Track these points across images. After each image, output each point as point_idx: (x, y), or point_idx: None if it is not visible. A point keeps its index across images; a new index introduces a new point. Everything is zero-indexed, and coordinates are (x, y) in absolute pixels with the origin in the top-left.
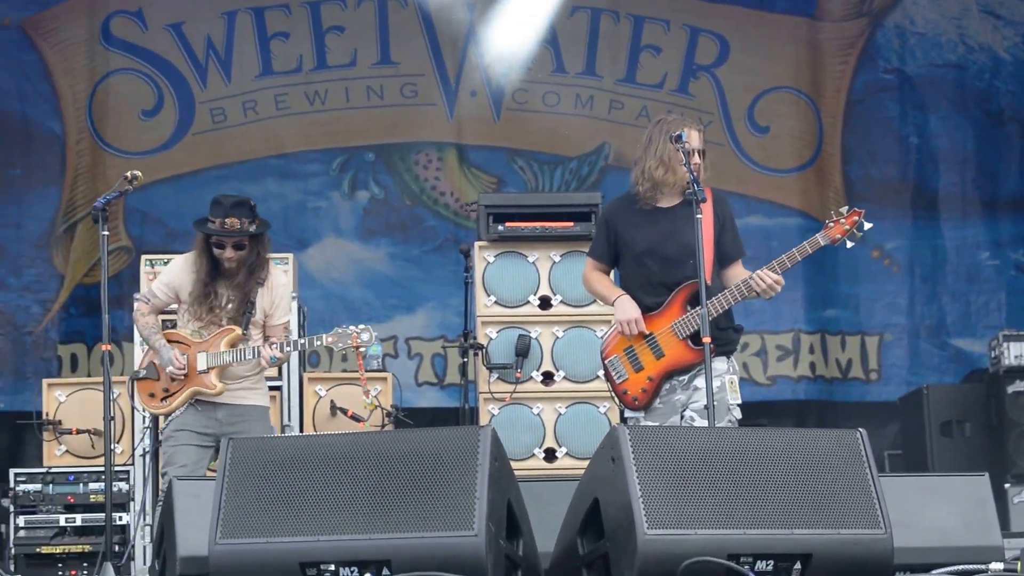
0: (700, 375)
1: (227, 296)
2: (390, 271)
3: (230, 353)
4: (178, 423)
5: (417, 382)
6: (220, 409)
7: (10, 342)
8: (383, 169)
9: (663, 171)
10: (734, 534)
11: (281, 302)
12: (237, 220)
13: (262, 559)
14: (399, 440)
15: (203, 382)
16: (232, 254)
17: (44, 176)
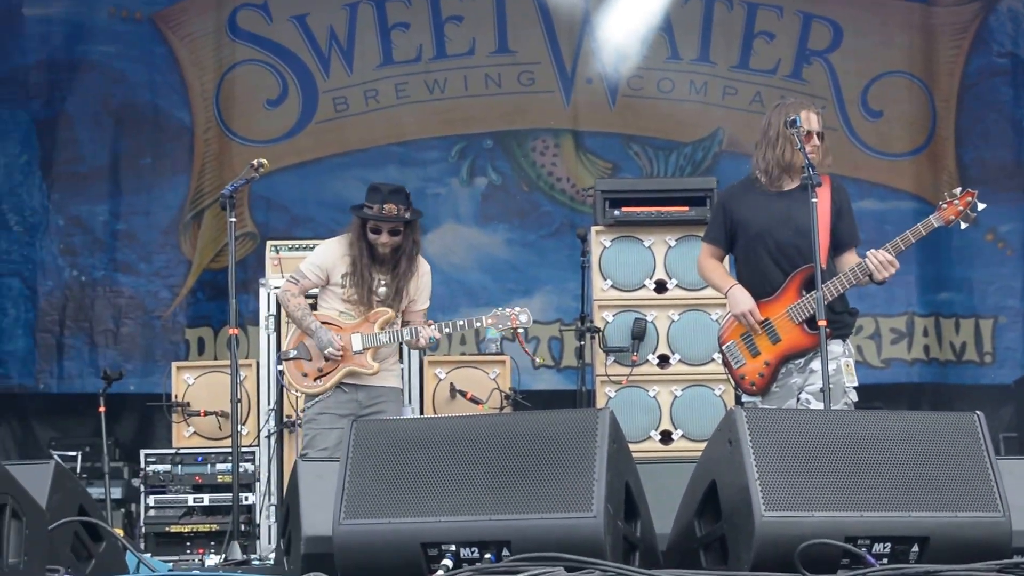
0: (816, 358)
1: (379, 280)
2: (508, 256)
3: (385, 334)
4: (320, 406)
5: (535, 365)
6: (361, 391)
7: (140, 326)
8: (501, 156)
9: (781, 154)
10: (851, 516)
11: (425, 289)
12: (395, 206)
13: (384, 539)
14: (518, 422)
15: (359, 362)
16: (387, 239)
17: (173, 165)
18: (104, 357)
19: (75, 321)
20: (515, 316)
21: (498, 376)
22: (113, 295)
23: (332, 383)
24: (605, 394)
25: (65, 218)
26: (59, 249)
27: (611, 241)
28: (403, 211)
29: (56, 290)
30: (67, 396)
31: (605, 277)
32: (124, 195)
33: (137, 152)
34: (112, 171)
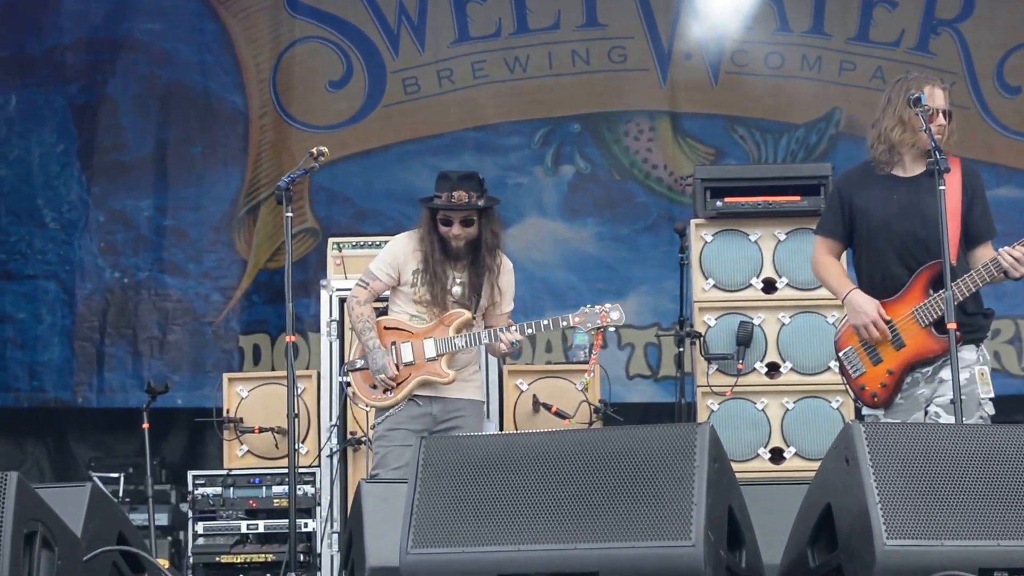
0: (946, 366)
1: (455, 277)
2: (598, 252)
3: (462, 338)
4: (392, 421)
5: (628, 375)
6: (436, 403)
7: (189, 333)
8: (589, 141)
9: (901, 132)
10: (986, 545)
11: (509, 289)
12: (465, 193)
13: (458, 569)
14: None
15: (432, 370)
16: (460, 231)
17: (225, 154)
18: (149, 368)
19: (117, 328)
20: (605, 313)
21: (587, 387)
22: (159, 299)
23: (404, 395)
24: (707, 407)
25: (106, 213)
26: (99, 248)
27: (713, 235)
28: (475, 198)
29: (96, 293)
30: (107, 411)
31: (706, 276)
32: (171, 188)
33: (186, 140)
34: (158, 161)
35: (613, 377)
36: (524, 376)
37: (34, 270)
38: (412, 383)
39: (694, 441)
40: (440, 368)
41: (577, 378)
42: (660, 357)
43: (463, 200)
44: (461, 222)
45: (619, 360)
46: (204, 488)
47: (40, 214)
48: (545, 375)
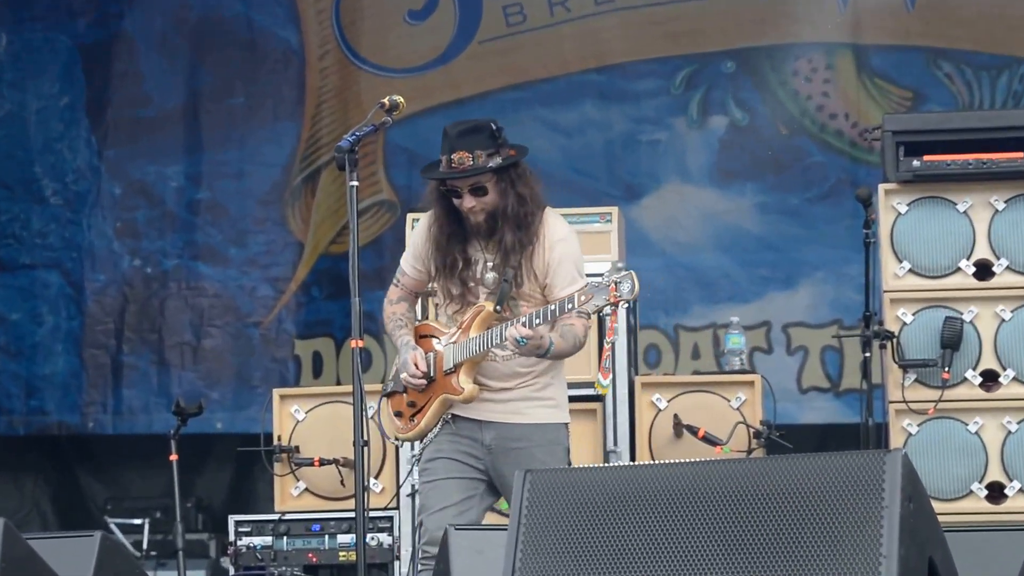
0: None
1: (485, 262)
2: (759, 229)
3: (477, 339)
4: (433, 449)
5: (800, 387)
6: (487, 430)
7: (230, 337)
8: (747, 84)
9: None
10: None
11: (562, 263)
12: (468, 154)
13: None
14: (771, 472)
15: (449, 385)
16: (472, 203)
17: (275, 106)
18: (179, 383)
19: (138, 332)
20: (613, 286)
21: (744, 404)
22: (192, 293)
23: (426, 422)
24: (903, 428)
25: (123, 184)
26: (115, 229)
27: (909, 205)
28: (483, 158)
29: (111, 287)
30: (126, 439)
31: (900, 258)
32: (206, 150)
33: (224, 89)
34: (189, 116)
35: (780, 390)
36: (662, 390)
37: (31, 258)
38: (433, 406)
39: (883, 474)
40: (455, 383)
41: (731, 392)
42: (841, 364)
43: (465, 164)
44: (471, 191)
45: (788, 368)
46: (250, 538)
47: (38, 186)
48: (690, 389)
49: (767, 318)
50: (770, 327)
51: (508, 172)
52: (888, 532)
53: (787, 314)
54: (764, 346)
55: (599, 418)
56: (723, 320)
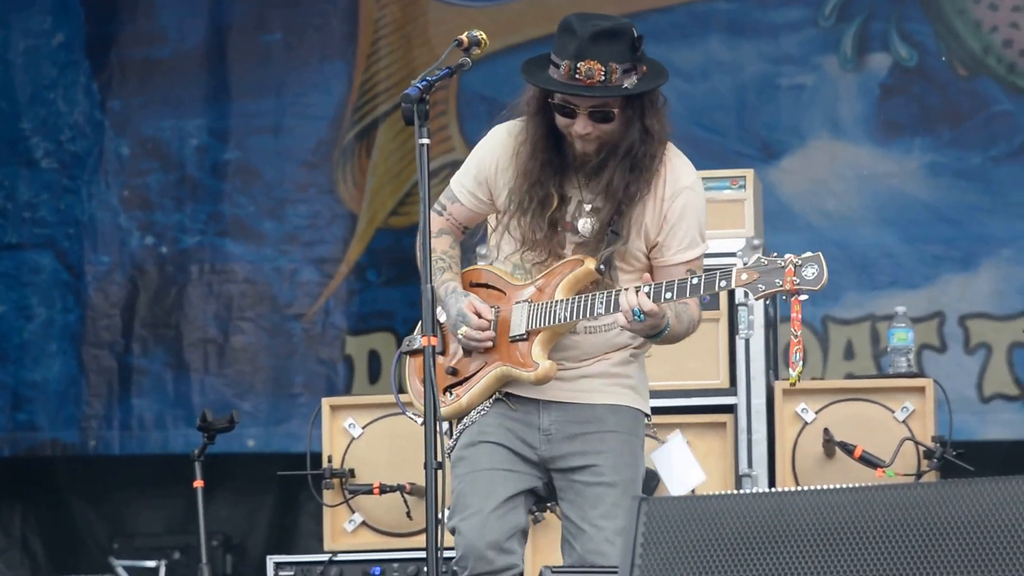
0: None
1: (580, 203)
2: (930, 196)
3: (568, 304)
4: (475, 431)
5: (982, 395)
6: (546, 411)
7: (265, 333)
8: (916, 13)
9: None
10: None
11: (684, 218)
12: (601, 67)
13: None
14: (948, 500)
15: (515, 356)
16: (589, 127)
17: (321, 44)
18: (202, 390)
19: (151, 327)
20: (792, 269)
21: (912, 416)
22: (218, 278)
23: (472, 397)
24: None
25: (132, 143)
26: (121, 199)
27: None
28: (616, 73)
29: (117, 271)
30: (137, 461)
31: None
32: (235, 100)
33: (257, 23)
34: (214, 58)
35: (956, 399)
36: (808, 399)
37: (18, 236)
38: (488, 377)
39: None
40: (526, 354)
41: (895, 401)
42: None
43: (595, 78)
44: (591, 114)
45: (966, 371)
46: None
47: (26, 146)
48: (844, 397)
49: (940, 308)
50: (944, 319)
51: (641, 98)
52: None
53: (966, 303)
54: (936, 343)
55: (730, 433)
56: (885, 311)
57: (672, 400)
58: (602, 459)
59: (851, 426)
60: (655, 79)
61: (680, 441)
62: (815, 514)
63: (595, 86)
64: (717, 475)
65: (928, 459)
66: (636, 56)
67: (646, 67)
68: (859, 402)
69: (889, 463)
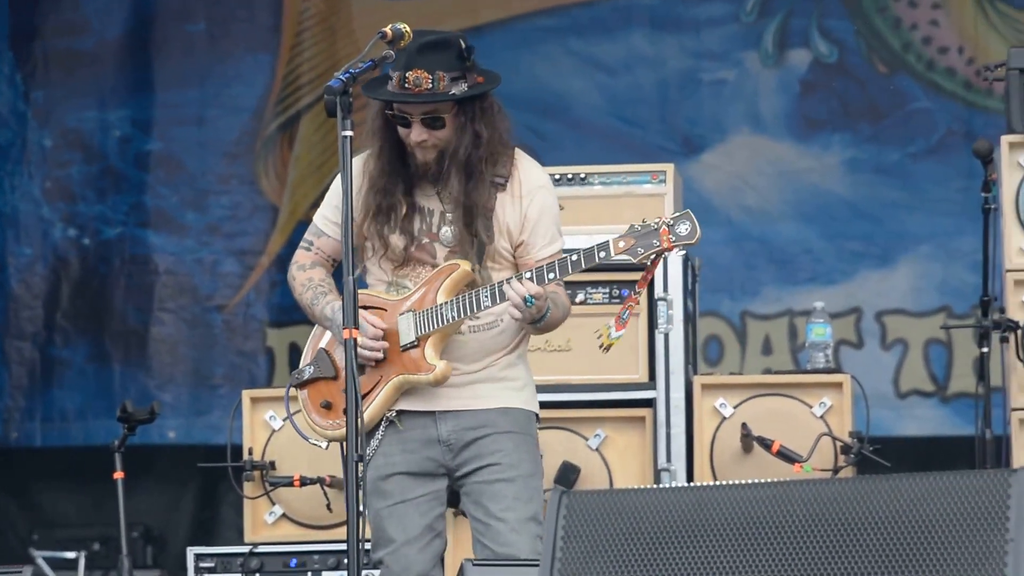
0: None
1: (440, 213)
2: (849, 192)
3: (453, 304)
4: (382, 463)
5: (898, 391)
6: (443, 422)
7: (186, 324)
8: (836, 11)
9: None
10: None
11: (542, 216)
12: (427, 75)
13: None
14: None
15: (410, 363)
16: (423, 135)
17: (245, 35)
18: (123, 382)
19: (72, 318)
20: (667, 229)
21: (829, 411)
22: (139, 269)
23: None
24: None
25: (56, 134)
26: (44, 190)
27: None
28: (444, 81)
29: (39, 263)
30: (57, 453)
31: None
32: (158, 91)
33: (180, 14)
34: (136, 49)
35: (873, 395)
36: (727, 393)
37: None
38: (386, 390)
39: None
40: (421, 359)
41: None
42: (950, 363)
43: (423, 86)
44: (423, 121)
45: (883, 366)
46: (214, 575)
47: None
48: (762, 392)
49: (858, 304)
50: (861, 315)
51: (472, 104)
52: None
53: (883, 299)
54: (854, 339)
55: (648, 428)
56: (803, 306)
57: (591, 394)
58: (498, 457)
59: (769, 421)
60: (484, 85)
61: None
62: (733, 509)
63: (423, 93)
64: (636, 469)
65: (845, 454)
66: (466, 66)
67: (481, 77)
68: (777, 397)
69: (806, 458)
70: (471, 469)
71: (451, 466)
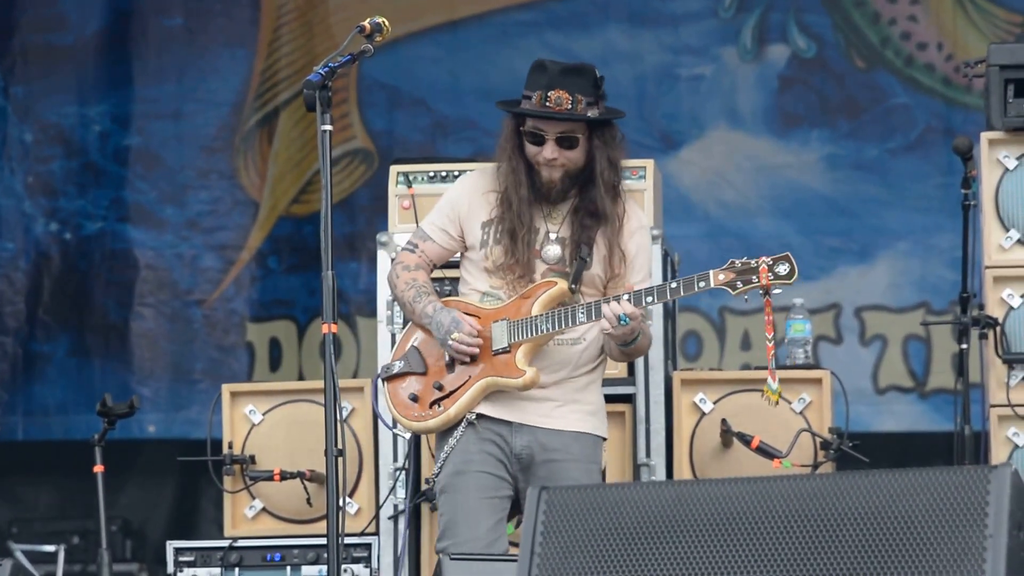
0: None
1: (548, 231)
2: (827, 188)
3: (548, 317)
4: (459, 460)
5: (877, 387)
6: (519, 434)
7: (166, 319)
8: (814, 7)
9: None
10: None
11: (639, 253)
12: (567, 96)
13: None
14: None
15: (501, 367)
16: (556, 154)
17: (223, 30)
18: (103, 376)
19: (53, 313)
20: (766, 268)
21: (809, 407)
22: (120, 265)
23: (462, 407)
24: (1007, 439)
25: (35, 129)
26: (25, 185)
27: (1019, 159)
28: (581, 103)
29: (20, 258)
30: (38, 447)
31: (1007, 225)
32: (137, 86)
33: (157, 8)
34: (115, 44)
35: (852, 390)
36: (706, 389)
37: None
38: (474, 388)
39: (986, 495)
40: (512, 363)
41: (793, 392)
42: (929, 358)
43: (564, 106)
44: (558, 140)
45: (861, 363)
46: (193, 569)
47: None
48: (741, 388)
49: (837, 300)
50: (840, 311)
51: (604, 130)
52: (992, 567)
53: (862, 295)
54: (833, 335)
55: (628, 423)
56: (782, 302)
57: None
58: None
59: (748, 417)
60: (613, 112)
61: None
62: (713, 504)
63: (563, 113)
64: (616, 465)
65: (824, 450)
66: (599, 93)
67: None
68: (757, 393)
69: (786, 454)
70: None
71: (520, 477)
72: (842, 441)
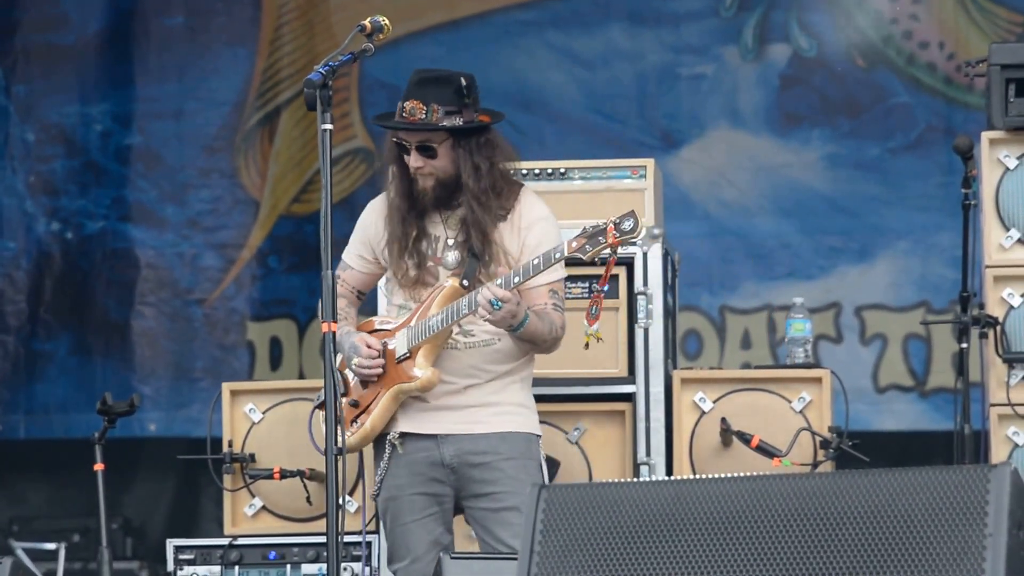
0: None
1: (445, 239)
2: (828, 188)
3: (437, 316)
4: (391, 487)
5: (877, 386)
6: (444, 445)
7: (167, 318)
8: (816, 5)
9: None
10: None
11: (540, 247)
12: (422, 105)
13: None
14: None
15: (403, 374)
16: (419, 162)
17: (224, 29)
18: (104, 374)
19: (54, 312)
20: (613, 227)
21: (809, 406)
22: (121, 264)
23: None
24: (1007, 438)
25: (37, 129)
26: (26, 184)
27: (1020, 159)
28: (437, 113)
29: (22, 258)
30: (39, 445)
31: (1008, 225)
32: (138, 86)
33: (159, 7)
34: (116, 43)
35: (852, 389)
36: (706, 388)
37: None
38: (383, 400)
39: (986, 494)
40: (411, 367)
41: (792, 391)
42: (929, 358)
43: (417, 116)
44: (418, 149)
45: (862, 362)
46: (193, 567)
47: None
48: (741, 387)
49: (837, 299)
50: (841, 310)
51: (468, 138)
52: (992, 567)
53: (862, 294)
54: (833, 334)
55: (627, 422)
56: (782, 301)
57: (571, 388)
58: (500, 486)
59: (748, 416)
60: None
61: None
62: (712, 503)
63: (416, 123)
64: (615, 463)
65: (824, 449)
66: (464, 101)
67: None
68: (756, 392)
69: (785, 453)
70: (475, 494)
71: (456, 487)
72: (842, 440)
